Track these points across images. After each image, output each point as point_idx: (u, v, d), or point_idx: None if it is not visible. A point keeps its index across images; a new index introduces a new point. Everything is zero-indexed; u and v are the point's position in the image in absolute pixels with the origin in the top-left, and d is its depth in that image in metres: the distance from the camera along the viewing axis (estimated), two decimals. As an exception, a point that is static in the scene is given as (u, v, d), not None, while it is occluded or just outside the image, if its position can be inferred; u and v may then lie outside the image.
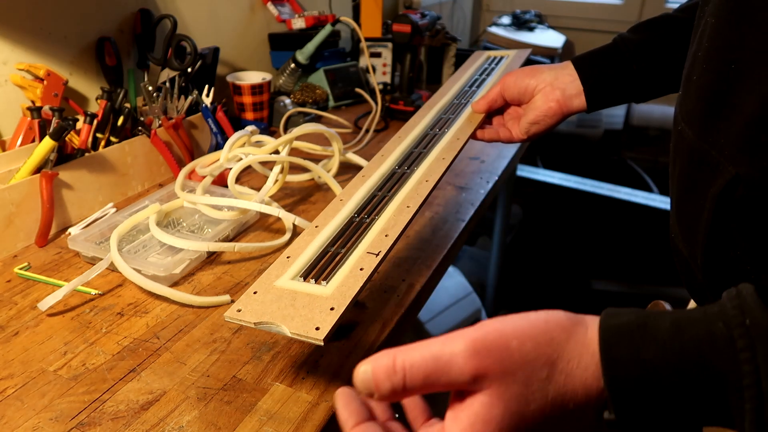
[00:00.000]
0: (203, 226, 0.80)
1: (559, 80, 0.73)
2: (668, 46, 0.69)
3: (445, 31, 1.40)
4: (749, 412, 0.28)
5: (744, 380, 0.28)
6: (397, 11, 1.77)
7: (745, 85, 0.42)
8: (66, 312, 0.63)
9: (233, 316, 0.48)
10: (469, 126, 0.75)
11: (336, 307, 0.47)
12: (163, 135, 0.92)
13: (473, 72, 0.93)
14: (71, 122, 0.76)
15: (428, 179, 0.64)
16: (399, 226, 0.57)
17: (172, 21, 1.00)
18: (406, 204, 0.60)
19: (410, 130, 0.76)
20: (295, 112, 1.19)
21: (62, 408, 0.51)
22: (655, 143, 2.35)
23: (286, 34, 1.33)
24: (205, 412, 0.51)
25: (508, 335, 0.32)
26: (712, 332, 0.29)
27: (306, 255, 0.54)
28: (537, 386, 0.31)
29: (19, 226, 0.74)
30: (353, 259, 0.53)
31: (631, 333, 0.30)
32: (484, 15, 2.72)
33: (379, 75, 1.43)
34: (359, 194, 0.63)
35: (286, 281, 0.51)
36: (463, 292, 1.37)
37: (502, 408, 0.31)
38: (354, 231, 0.57)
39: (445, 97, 0.85)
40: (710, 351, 0.28)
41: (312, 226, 0.58)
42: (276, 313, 0.47)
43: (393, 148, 0.72)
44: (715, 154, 0.45)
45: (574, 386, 0.31)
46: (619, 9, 2.42)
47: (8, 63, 0.85)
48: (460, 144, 0.71)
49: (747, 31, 0.42)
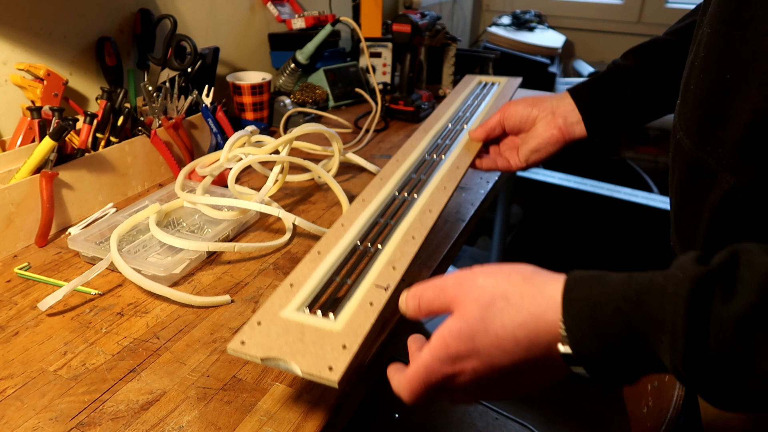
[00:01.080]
0: (203, 226, 0.80)
1: (560, 109, 0.74)
2: (660, 69, 0.70)
3: (445, 31, 1.40)
4: (667, 346, 0.32)
5: (666, 318, 0.32)
6: (397, 11, 1.77)
7: (739, 95, 0.42)
8: (66, 312, 0.63)
9: (237, 348, 0.45)
10: (468, 155, 0.76)
11: (348, 345, 0.45)
12: (163, 135, 0.92)
13: (466, 96, 0.95)
14: (71, 122, 0.76)
15: (431, 209, 0.64)
16: (406, 259, 0.56)
17: (172, 21, 1.00)
18: (411, 234, 0.60)
19: (407, 154, 0.77)
20: (295, 112, 1.19)
21: (62, 408, 0.51)
22: (655, 143, 2.35)
23: (286, 34, 1.33)
24: (205, 412, 0.51)
25: (479, 273, 0.42)
26: (651, 280, 0.34)
27: (311, 284, 0.53)
28: (493, 311, 0.39)
29: (19, 226, 0.74)
30: (361, 292, 0.52)
31: (591, 279, 0.37)
32: (484, 15, 2.72)
33: (379, 75, 1.43)
34: (361, 220, 0.63)
35: (292, 312, 0.49)
36: (463, 292, 1.37)
37: (464, 323, 0.39)
38: (359, 260, 0.57)
39: (440, 121, 0.86)
40: (646, 294, 0.34)
41: (314, 251, 0.57)
42: (284, 348, 0.45)
43: (392, 172, 0.73)
44: (713, 164, 0.46)
45: (524, 318, 0.38)
46: (619, 9, 2.42)
47: (8, 63, 0.85)
48: (460, 173, 0.72)
49: (738, 41, 0.43)
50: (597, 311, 0.35)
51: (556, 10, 2.53)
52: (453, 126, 0.84)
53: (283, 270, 0.72)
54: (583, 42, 2.55)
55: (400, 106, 1.27)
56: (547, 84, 2.17)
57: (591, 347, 0.35)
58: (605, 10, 2.46)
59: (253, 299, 0.66)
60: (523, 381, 0.41)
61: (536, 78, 2.17)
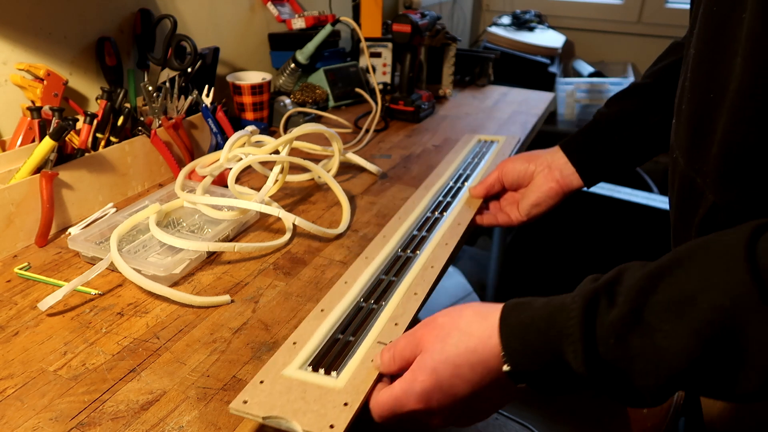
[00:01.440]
0: (203, 226, 0.80)
1: (556, 162, 0.77)
2: (641, 113, 0.73)
3: (445, 31, 1.40)
4: (571, 354, 0.37)
5: (568, 331, 0.38)
6: (397, 11, 1.77)
7: (718, 114, 0.43)
8: (66, 312, 0.63)
9: (239, 408, 0.46)
10: (468, 211, 0.77)
11: (350, 402, 0.46)
12: (163, 135, 0.92)
13: (465, 155, 0.98)
14: (71, 122, 0.76)
15: (433, 265, 0.66)
16: (408, 315, 0.57)
17: (172, 21, 1.00)
18: (414, 291, 0.61)
19: (410, 212, 0.79)
20: (295, 112, 1.19)
21: (62, 408, 0.51)
22: (655, 143, 2.34)
23: (286, 34, 1.33)
24: (205, 412, 0.51)
25: (439, 314, 0.47)
26: (562, 301, 0.40)
27: (313, 342, 0.54)
28: (450, 342, 0.44)
29: (19, 226, 0.74)
30: (364, 349, 0.52)
31: (521, 305, 0.43)
32: (484, 15, 2.72)
33: (379, 75, 1.43)
34: (364, 277, 0.64)
35: (294, 370, 0.50)
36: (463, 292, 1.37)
37: (428, 356, 0.44)
38: (362, 318, 0.57)
39: (441, 179, 0.88)
40: (557, 313, 0.39)
41: (318, 309, 0.58)
42: (286, 407, 0.46)
43: (394, 230, 0.74)
44: (700, 182, 0.47)
45: (475, 344, 0.43)
46: (619, 9, 2.42)
47: (8, 63, 0.85)
48: (461, 229, 0.73)
49: (718, 62, 0.44)
50: (525, 331, 0.41)
51: (556, 10, 2.53)
52: (454, 184, 0.87)
53: (283, 270, 0.72)
54: (583, 42, 2.55)
55: (400, 106, 1.27)
56: (547, 84, 2.17)
57: (525, 363, 0.40)
58: (605, 10, 2.46)
59: (253, 299, 0.66)
60: (483, 406, 0.46)
61: (536, 78, 2.17)
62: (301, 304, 0.65)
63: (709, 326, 0.33)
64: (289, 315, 0.63)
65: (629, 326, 0.36)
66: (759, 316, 0.32)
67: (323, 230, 0.78)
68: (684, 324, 0.34)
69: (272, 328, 0.61)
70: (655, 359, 0.35)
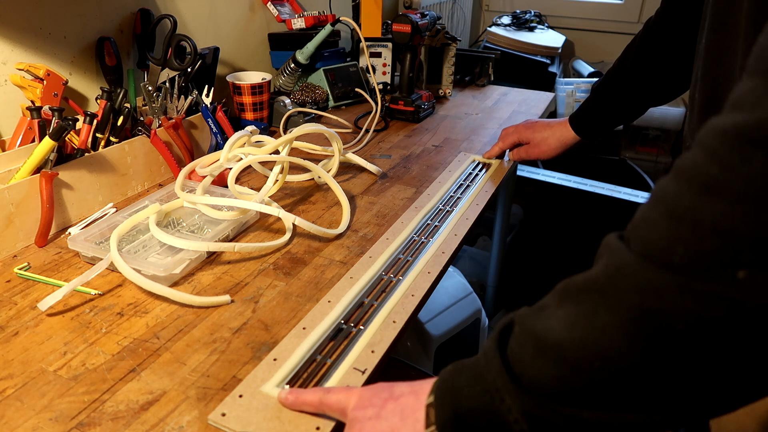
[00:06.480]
0: (203, 226, 0.80)
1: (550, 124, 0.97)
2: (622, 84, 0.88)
3: (445, 31, 1.40)
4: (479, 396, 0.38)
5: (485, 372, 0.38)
6: (397, 11, 1.77)
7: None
8: (66, 312, 0.63)
9: (217, 420, 0.49)
10: (454, 239, 0.79)
11: (321, 427, 0.48)
12: (163, 135, 0.92)
13: (458, 176, 0.99)
14: (71, 122, 0.76)
15: (414, 293, 0.67)
16: (385, 343, 0.59)
17: (172, 21, 1.00)
18: (393, 319, 0.62)
19: (398, 233, 0.80)
20: (295, 112, 1.19)
21: (62, 408, 0.51)
22: (655, 143, 2.35)
23: (286, 34, 1.33)
24: (205, 412, 0.51)
25: (377, 383, 0.47)
26: (476, 360, 0.40)
27: (293, 360, 0.55)
28: (386, 406, 0.43)
29: (19, 226, 0.74)
30: (339, 373, 0.54)
31: (452, 370, 0.42)
32: (484, 15, 2.72)
33: (379, 75, 1.43)
34: (347, 297, 0.65)
35: (272, 387, 0.52)
36: (463, 293, 1.37)
37: (366, 419, 0.44)
38: (341, 339, 0.59)
39: (432, 200, 0.89)
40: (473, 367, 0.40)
41: (300, 327, 0.60)
42: (261, 424, 0.48)
43: (381, 251, 0.75)
44: None
45: (408, 403, 0.43)
46: (619, 9, 2.42)
47: (8, 63, 0.85)
48: (445, 258, 0.75)
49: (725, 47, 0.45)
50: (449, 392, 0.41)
51: (556, 10, 2.53)
52: (443, 207, 0.88)
53: (283, 270, 0.72)
54: (583, 42, 2.55)
55: (400, 106, 1.27)
56: (547, 84, 2.17)
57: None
58: (605, 10, 2.46)
59: (253, 299, 0.66)
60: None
61: (536, 78, 2.17)
62: (301, 304, 0.65)
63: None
64: (289, 315, 0.63)
65: (515, 364, 0.38)
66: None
67: (323, 230, 0.78)
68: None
69: (272, 328, 0.61)
70: None
